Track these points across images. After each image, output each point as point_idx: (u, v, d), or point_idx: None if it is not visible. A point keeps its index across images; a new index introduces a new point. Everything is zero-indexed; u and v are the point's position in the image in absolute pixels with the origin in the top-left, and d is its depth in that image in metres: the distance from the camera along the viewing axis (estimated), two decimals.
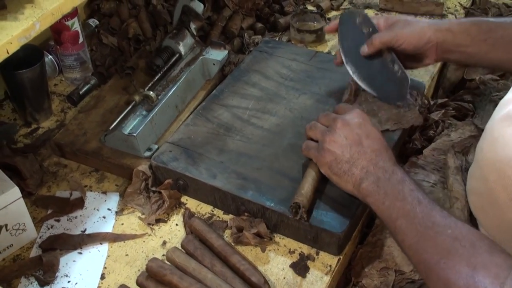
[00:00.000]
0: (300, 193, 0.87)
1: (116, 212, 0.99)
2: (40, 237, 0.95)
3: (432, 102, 1.22)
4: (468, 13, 1.44)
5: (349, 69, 1.04)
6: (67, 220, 0.98)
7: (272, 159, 0.98)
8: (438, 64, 1.32)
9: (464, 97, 1.26)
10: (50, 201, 1.00)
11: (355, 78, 1.04)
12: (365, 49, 1.00)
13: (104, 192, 1.02)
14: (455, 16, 1.40)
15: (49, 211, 0.99)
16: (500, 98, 1.18)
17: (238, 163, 0.98)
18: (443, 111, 1.19)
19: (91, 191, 1.03)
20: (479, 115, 1.18)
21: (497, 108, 0.88)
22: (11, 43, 0.75)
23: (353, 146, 0.83)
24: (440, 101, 1.22)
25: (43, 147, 1.12)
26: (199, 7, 1.18)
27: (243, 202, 0.93)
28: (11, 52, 0.76)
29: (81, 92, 1.19)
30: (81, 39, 1.20)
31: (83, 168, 1.07)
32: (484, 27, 0.95)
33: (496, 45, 0.95)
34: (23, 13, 0.79)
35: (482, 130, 1.14)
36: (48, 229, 0.96)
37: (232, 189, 0.93)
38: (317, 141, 0.89)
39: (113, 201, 1.01)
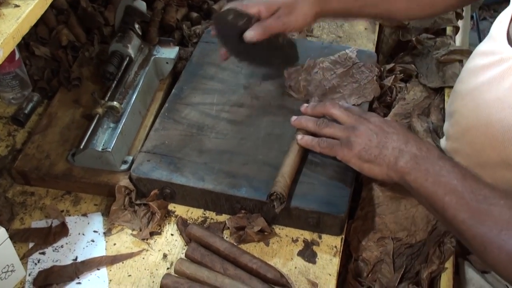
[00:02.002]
0: (275, 182, 0.88)
1: (104, 233, 0.94)
2: (29, 275, 0.88)
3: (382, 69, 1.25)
4: None
5: (245, 65, 1.10)
6: (53, 251, 0.92)
7: (255, 151, 0.98)
8: (376, 31, 1.36)
9: (405, 59, 1.31)
10: (29, 234, 0.94)
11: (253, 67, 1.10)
12: (253, 37, 0.96)
13: (85, 215, 0.97)
14: None
15: (31, 245, 0.93)
16: (441, 55, 1.25)
17: (222, 161, 0.96)
18: (393, 76, 1.23)
19: (69, 215, 0.97)
20: (423, 74, 1.24)
21: (467, 76, 0.92)
22: None
23: (378, 133, 0.85)
24: (388, 66, 1.26)
25: (1, 177, 1.04)
26: (142, 6, 1.13)
27: (238, 200, 0.92)
28: None
29: (26, 111, 1.12)
30: (17, 55, 1.12)
31: (53, 193, 1.01)
32: None
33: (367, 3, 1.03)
34: None
35: (431, 88, 1.21)
36: (35, 264, 0.90)
37: (225, 189, 0.92)
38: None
39: (97, 222, 0.96)
